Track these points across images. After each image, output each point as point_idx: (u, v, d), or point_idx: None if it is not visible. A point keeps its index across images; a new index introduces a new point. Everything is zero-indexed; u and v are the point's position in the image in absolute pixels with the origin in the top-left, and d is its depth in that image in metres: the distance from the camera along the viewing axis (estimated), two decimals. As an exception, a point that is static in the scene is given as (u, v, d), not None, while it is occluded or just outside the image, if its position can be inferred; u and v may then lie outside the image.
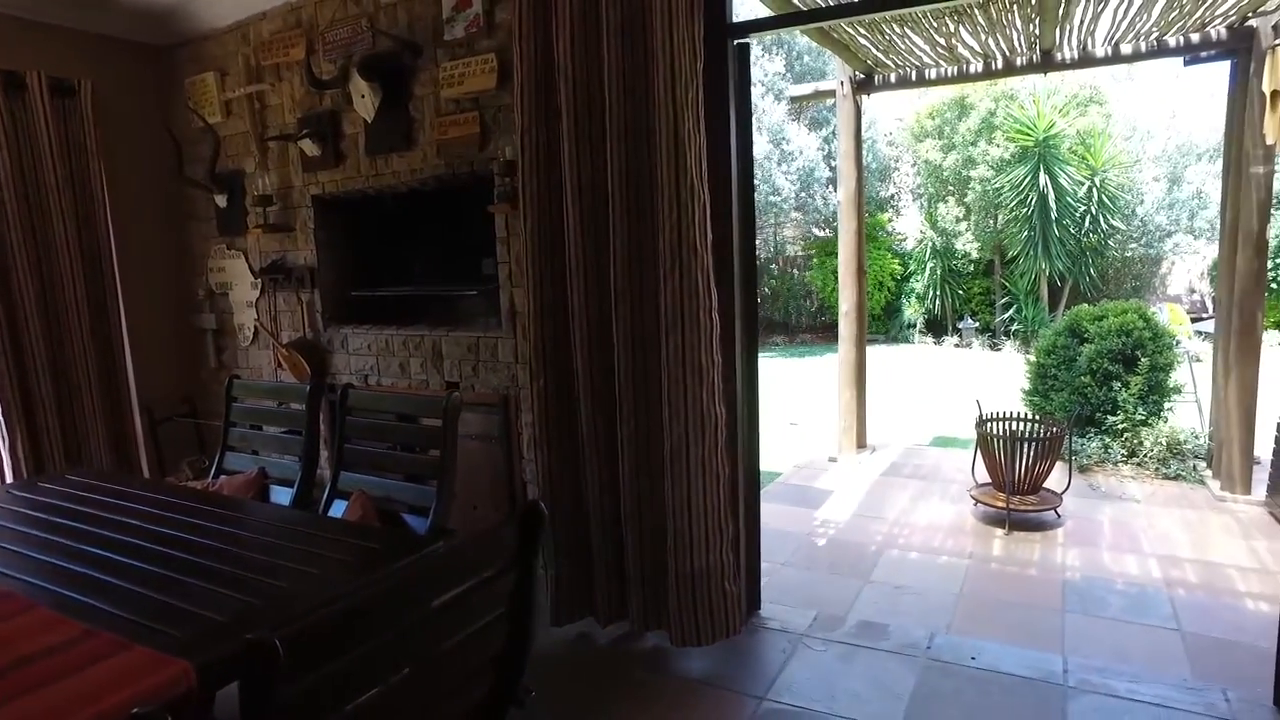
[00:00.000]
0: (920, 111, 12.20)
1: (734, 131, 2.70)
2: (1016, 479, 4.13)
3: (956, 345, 11.91)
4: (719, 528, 2.62)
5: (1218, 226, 5.34)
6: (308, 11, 3.63)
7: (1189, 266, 12.00)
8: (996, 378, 8.89)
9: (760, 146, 12.65)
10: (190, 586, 1.73)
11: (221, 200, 4.09)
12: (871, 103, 12.90)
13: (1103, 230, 11.06)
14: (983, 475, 4.41)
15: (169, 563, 1.87)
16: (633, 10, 2.51)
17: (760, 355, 2.98)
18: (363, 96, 3.42)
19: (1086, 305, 5.87)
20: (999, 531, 4.12)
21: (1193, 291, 11.90)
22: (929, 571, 3.67)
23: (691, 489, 2.56)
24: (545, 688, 2.65)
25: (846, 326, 5.72)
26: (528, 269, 2.77)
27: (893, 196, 13.80)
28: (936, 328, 12.39)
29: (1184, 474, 4.90)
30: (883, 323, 12.80)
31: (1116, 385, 5.23)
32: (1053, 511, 4.23)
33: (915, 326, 12.49)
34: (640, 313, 2.62)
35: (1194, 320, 9.63)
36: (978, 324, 11.96)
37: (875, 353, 10.25)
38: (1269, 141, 3.99)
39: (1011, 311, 11.59)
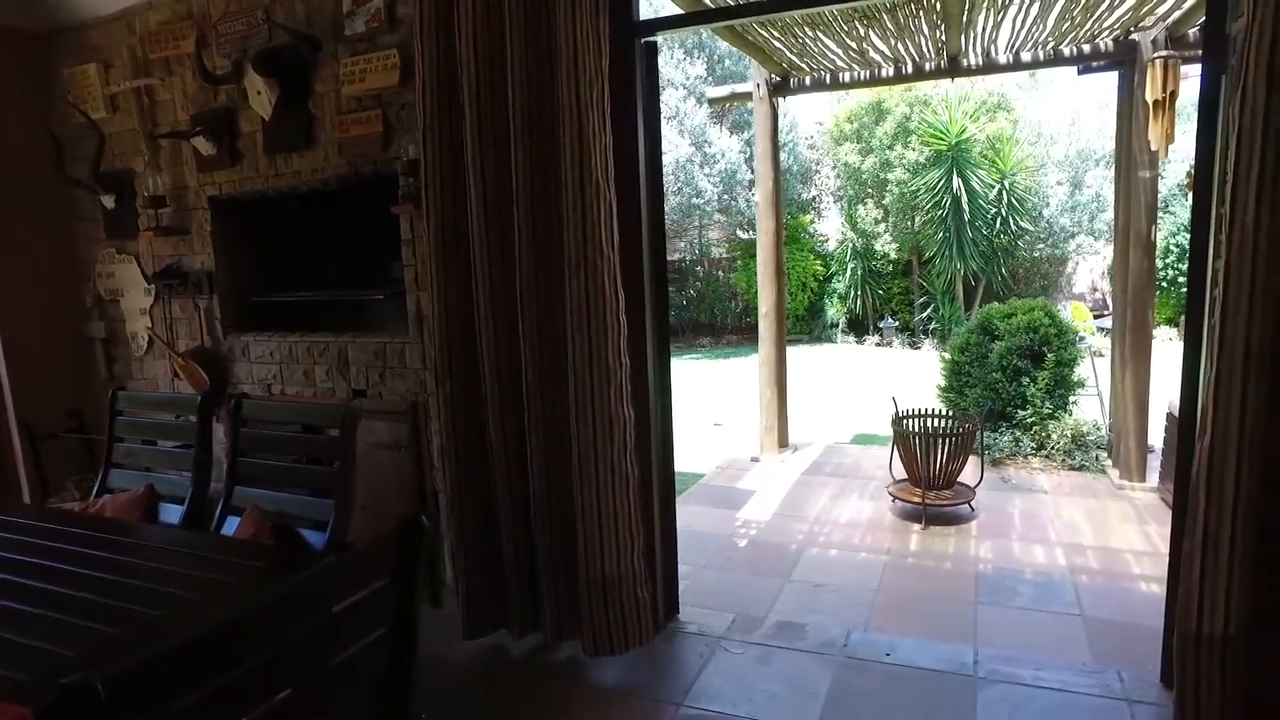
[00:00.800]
0: (839, 115, 12.48)
1: (642, 131, 2.66)
2: (932, 474, 4.23)
3: (878, 344, 12.23)
4: (629, 532, 2.58)
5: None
6: (199, 2, 3.44)
7: (1091, 266, 12.63)
8: (916, 375, 9.14)
9: (683, 149, 12.68)
10: (45, 621, 1.59)
11: (109, 201, 3.83)
12: (791, 106, 13.17)
13: (1012, 231, 11.55)
14: (900, 472, 4.49)
15: (24, 595, 1.71)
16: (536, 5, 2.45)
17: (686, 356, 2.96)
18: (259, 93, 3.26)
19: (998, 304, 6.07)
20: (916, 527, 4.21)
21: (1095, 289, 12.53)
22: (848, 569, 3.71)
23: (601, 493, 2.51)
24: (455, 703, 2.56)
25: (766, 327, 5.77)
26: (432, 271, 2.68)
27: (814, 198, 14.08)
28: (858, 327, 12.69)
29: (1088, 464, 5.12)
30: (806, 323, 13.04)
31: (1025, 380, 5.43)
32: (967, 505, 4.35)
33: (838, 326, 12.78)
34: (548, 315, 2.56)
35: (1096, 316, 10.12)
36: (898, 323, 12.30)
37: (799, 353, 10.42)
38: (1153, 148, 4.20)
39: (929, 310, 11.97)
